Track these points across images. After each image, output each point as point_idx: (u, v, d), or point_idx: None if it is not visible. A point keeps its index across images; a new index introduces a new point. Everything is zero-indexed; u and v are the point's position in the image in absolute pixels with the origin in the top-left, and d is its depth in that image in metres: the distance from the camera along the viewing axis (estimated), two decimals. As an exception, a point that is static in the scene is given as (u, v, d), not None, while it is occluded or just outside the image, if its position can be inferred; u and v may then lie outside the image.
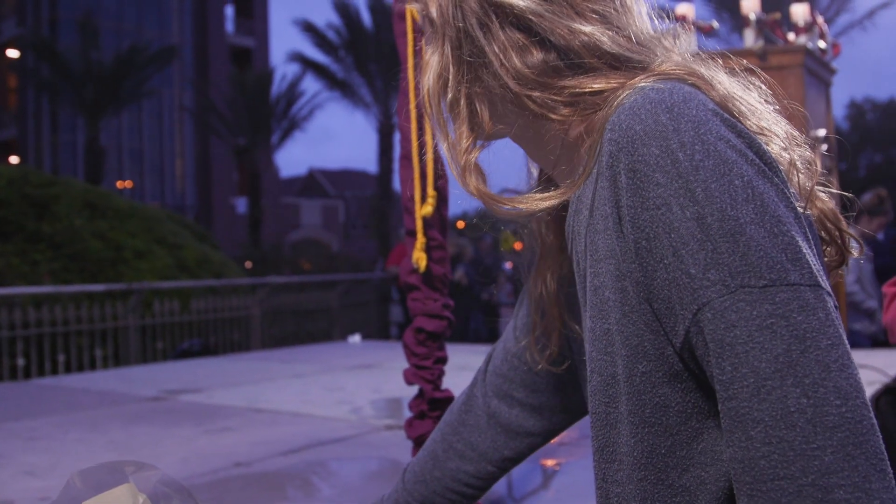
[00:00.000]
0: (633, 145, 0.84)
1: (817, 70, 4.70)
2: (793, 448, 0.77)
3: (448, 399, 1.85)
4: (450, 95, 1.01)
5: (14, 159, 33.41)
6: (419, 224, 1.87)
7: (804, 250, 0.83)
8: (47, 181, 10.55)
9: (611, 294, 0.90)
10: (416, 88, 1.94)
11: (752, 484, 0.79)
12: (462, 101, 1.01)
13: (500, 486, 2.58)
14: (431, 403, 1.83)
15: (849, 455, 0.77)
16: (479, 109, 1.01)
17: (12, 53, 33.87)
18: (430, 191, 1.85)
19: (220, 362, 6.70)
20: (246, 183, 33.45)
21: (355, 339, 7.48)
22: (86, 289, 8.69)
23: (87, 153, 28.86)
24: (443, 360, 1.85)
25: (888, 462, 0.79)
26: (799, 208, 0.88)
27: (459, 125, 1.02)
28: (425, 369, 1.83)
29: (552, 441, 1.43)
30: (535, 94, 0.96)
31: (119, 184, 36.46)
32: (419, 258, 1.84)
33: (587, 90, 0.94)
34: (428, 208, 1.84)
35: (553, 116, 0.96)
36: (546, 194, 0.98)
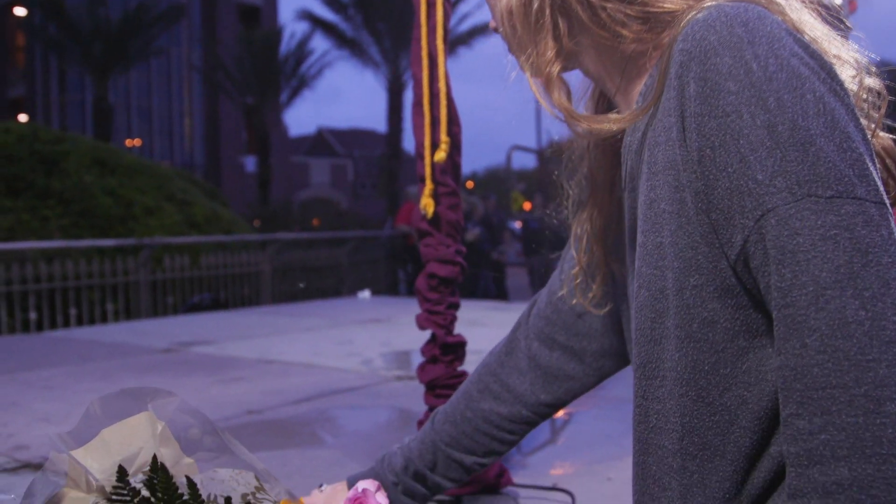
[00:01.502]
0: (706, 55, 0.85)
1: (832, 24, 4.66)
2: (848, 358, 0.78)
3: (460, 344, 1.86)
4: (535, 5, 1.02)
5: (23, 118, 33.36)
6: (427, 170, 1.87)
7: (871, 168, 0.83)
8: (56, 137, 10.55)
9: (667, 206, 0.91)
10: (428, 35, 1.94)
11: (804, 391, 0.80)
12: (547, 12, 1.02)
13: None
14: (444, 348, 1.85)
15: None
16: (560, 23, 1.02)
17: (19, 11, 33.69)
18: (443, 136, 1.85)
19: (231, 316, 6.73)
20: (254, 142, 33.37)
21: (365, 294, 7.51)
22: (96, 244, 8.72)
23: (95, 112, 28.79)
24: (455, 306, 1.86)
25: None
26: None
27: (544, 36, 1.03)
28: (438, 314, 1.85)
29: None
30: (610, 5, 0.97)
31: (128, 142, 36.43)
32: (427, 204, 1.85)
33: (659, 9, 0.96)
34: (441, 154, 1.84)
35: (624, 32, 0.98)
36: (620, 115, 0.99)
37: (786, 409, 0.83)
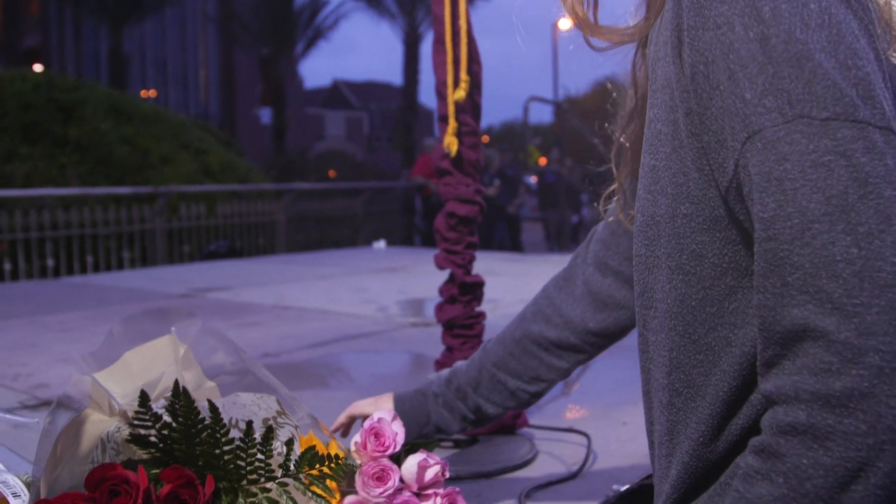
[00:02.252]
0: None
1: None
2: (831, 301, 0.70)
3: (478, 284, 1.86)
4: None
5: (38, 67, 33.30)
6: (451, 109, 1.85)
7: (879, 89, 0.74)
8: (72, 86, 10.52)
9: (663, 127, 0.86)
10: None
11: (782, 334, 0.74)
12: None
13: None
14: (462, 288, 1.84)
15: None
16: None
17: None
18: (464, 75, 1.84)
19: (247, 264, 6.75)
20: (270, 93, 33.21)
21: (380, 244, 7.51)
22: (113, 191, 8.73)
23: (110, 61, 28.69)
24: (473, 246, 1.85)
25: None
26: (890, 56, 0.81)
27: None
28: (456, 254, 1.84)
29: None
30: None
31: (143, 93, 36.33)
32: (450, 143, 1.83)
33: None
34: (461, 93, 1.83)
35: None
36: (623, 27, 0.94)
37: (763, 351, 0.77)
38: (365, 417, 1.43)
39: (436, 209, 11.05)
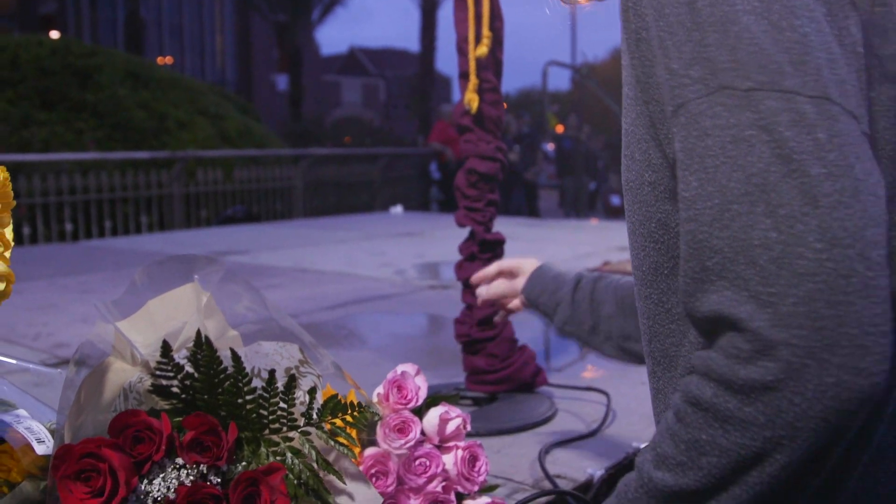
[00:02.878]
0: None
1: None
2: (748, 288, 0.66)
3: (499, 241, 1.85)
4: None
5: (54, 34, 33.28)
6: (472, 65, 1.83)
7: (819, 52, 0.67)
8: (89, 51, 10.53)
9: (629, 91, 0.81)
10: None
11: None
12: None
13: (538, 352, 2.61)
14: (482, 245, 1.83)
15: (813, 312, 0.63)
16: None
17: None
18: (486, 31, 1.82)
19: (264, 228, 6.76)
20: (286, 60, 33.09)
21: (397, 209, 7.50)
22: (130, 156, 8.75)
23: (126, 27, 28.64)
24: (494, 203, 1.84)
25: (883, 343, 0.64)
26: (872, 7, 0.73)
27: None
28: (476, 211, 1.83)
29: None
30: None
31: (160, 60, 36.29)
32: (471, 99, 1.82)
33: None
34: (483, 49, 1.81)
35: None
36: None
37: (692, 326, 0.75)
38: (510, 272, 1.57)
39: (452, 176, 11.00)
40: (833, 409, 0.63)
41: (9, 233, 0.77)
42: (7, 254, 0.74)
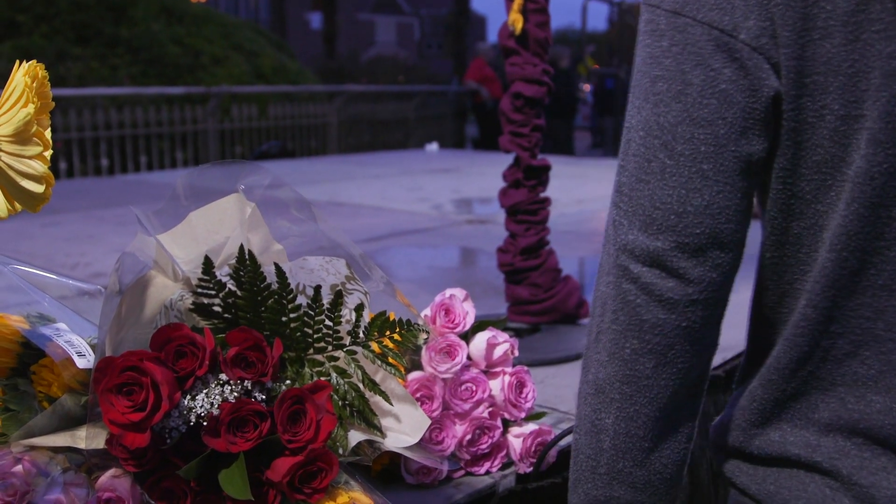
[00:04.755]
0: None
1: None
2: (620, 155, 0.81)
3: (545, 168, 1.80)
4: None
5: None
6: (518, -16, 1.77)
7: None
8: (123, -15, 10.46)
9: None
10: None
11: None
12: None
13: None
14: (527, 171, 1.78)
15: (634, 187, 0.78)
16: None
17: None
18: (532, -51, 1.75)
19: (299, 163, 6.73)
20: (320, -2, 32.82)
21: (433, 147, 7.43)
22: (165, 91, 8.72)
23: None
24: (539, 129, 1.78)
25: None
26: None
27: None
28: (522, 136, 1.77)
29: None
30: None
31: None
32: (515, 20, 1.75)
33: None
34: (529, -33, 1.74)
35: None
36: None
37: None
38: None
39: (488, 115, 10.93)
40: None
41: (48, 134, 0.74)
42: (47, 154, 0.71)
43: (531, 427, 1.23)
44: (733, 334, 1.85)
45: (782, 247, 0.81)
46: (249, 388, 0.90)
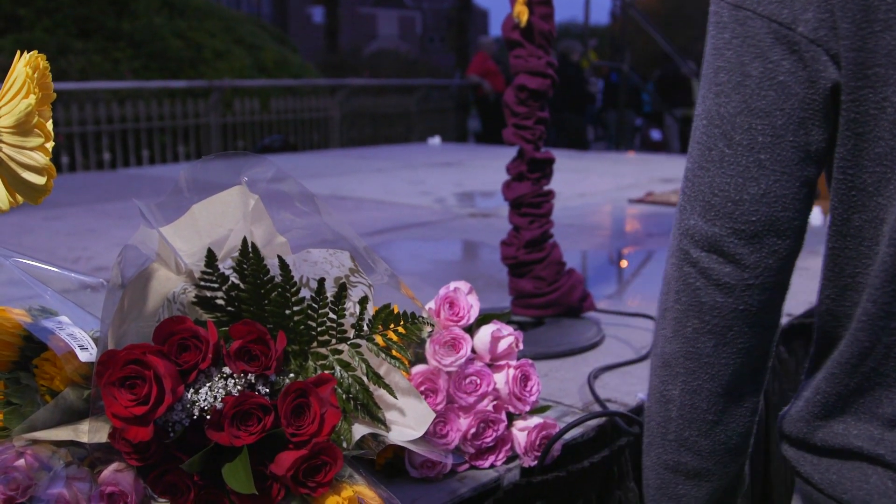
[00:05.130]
0: None
1: None
2: (690, 156, 0.85)
3: (548, 161, 1.79)
4: None
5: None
6: (522, -24, 1.75)
7: None
8: (125, -21, 10.44)
9: None
10: None
11: None
12: None
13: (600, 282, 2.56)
14: (531, 164, 1.77)
15: (696, 174, 0.83)
16: None
17: None
18: (536, -60, 1.74)
19: (302, 157, 6.72)
20: (322, -9, 32.77)
21: (435, 140, 7.42)
22: (167, 85, 8.72)
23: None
24: (543, 121, 1.77)
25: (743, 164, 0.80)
26: None
27: None
28: (526, 129, 1.76)
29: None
30: None
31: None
32: (521, 12, 1.74)
33: None
34: (533, -41, 1.73)
35: None
36: None
37: None
38: None
39: (490, 109, 10.90)
40: None
41: (50, 125, 0.73)
42: (48, 145, 0.70)
43: (536, 420, 1.22)
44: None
45: (844, 238, 0.81)
46: (253, 381, 0.90)
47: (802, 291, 1.99)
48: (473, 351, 1.19)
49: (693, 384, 0.86)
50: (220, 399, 0.87)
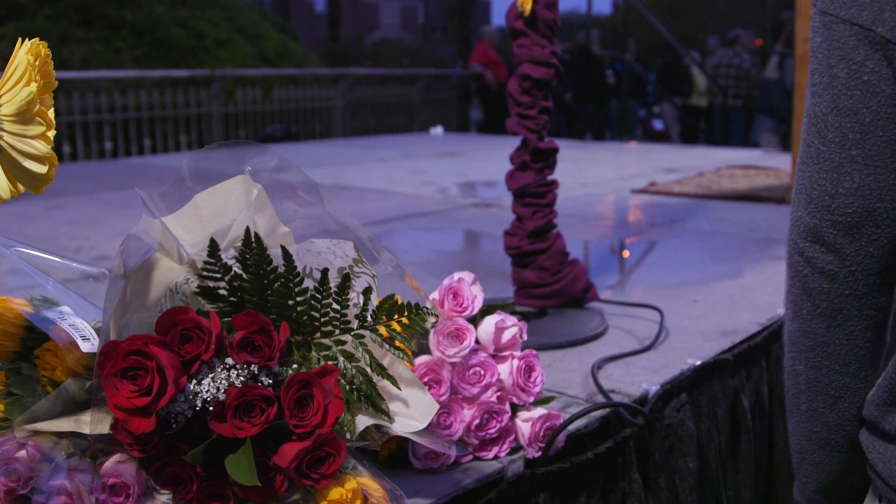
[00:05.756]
0: None
1: None
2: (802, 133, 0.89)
3: (552, 150, 1.78)
4: None
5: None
6: (526, -35, 1.74)
7: None
8: (127, -33, 10.42)
9: None
10: None
11: None
12: None
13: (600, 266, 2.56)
14: (535, 154, 1.76)
15: (801, 169, 0.88)
16: None
17: None
18: (540, -71, 1.72)
19: (304, 147, 6.71)
20: (324, -20, 32.67)
21: (437, 130, 7.41)
22: (169, 74, 8.71)
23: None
24: (547, 111, 1.76)
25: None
26: None
27: None
28: (529, 118, 1.75)
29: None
30: None
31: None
32: (524, 1, 1.73)
33: None
34: (537, -53, 1.72)
35: None
36: None
37: None
38: None
39: (492, 99, 10.88)
40: None
41: (51, 114, 0.72)
42: (50, 134, 0.69)
43: (540, 411, 1.22)
44: (742, 318, 1.85)
45: None
46: (256, 372, 0.89)
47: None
48: (477, 341, 1.19)
49: (813, 361, 0.92)
50: (222, 390, 0.86)
